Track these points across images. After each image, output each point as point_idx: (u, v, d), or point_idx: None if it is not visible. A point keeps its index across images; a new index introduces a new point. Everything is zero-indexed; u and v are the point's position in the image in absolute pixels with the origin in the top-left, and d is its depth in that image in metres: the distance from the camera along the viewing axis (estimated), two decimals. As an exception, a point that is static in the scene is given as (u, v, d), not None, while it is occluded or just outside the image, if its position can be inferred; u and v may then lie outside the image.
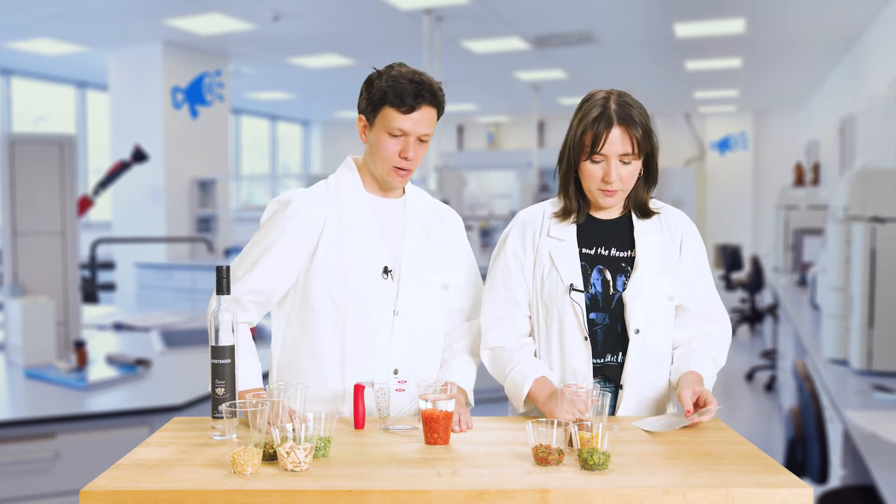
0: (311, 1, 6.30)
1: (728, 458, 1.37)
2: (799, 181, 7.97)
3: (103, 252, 7.46)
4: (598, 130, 1.65)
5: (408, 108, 1.64)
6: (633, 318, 1.69)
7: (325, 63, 8.66)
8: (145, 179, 7.73)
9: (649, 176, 1.74)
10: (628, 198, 1.76)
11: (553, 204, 1.80)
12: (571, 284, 1.70)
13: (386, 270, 1.72)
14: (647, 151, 1.69)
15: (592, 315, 1.71)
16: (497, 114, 14.33)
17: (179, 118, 7.90)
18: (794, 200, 7.05)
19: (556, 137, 13.63)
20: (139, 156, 5.28)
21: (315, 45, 7.91)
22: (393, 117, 1.65)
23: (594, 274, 1.73)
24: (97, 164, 9.46)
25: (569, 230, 1.75)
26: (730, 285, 8.41)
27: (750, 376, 6.57)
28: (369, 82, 1.70)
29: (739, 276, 8.71)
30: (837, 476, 2.63)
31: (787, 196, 7.23)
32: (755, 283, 7.61)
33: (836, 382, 2.92)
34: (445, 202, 1.97)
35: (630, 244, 1.75)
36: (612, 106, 1.66)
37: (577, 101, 1.75)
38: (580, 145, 1.68)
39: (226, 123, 8.50)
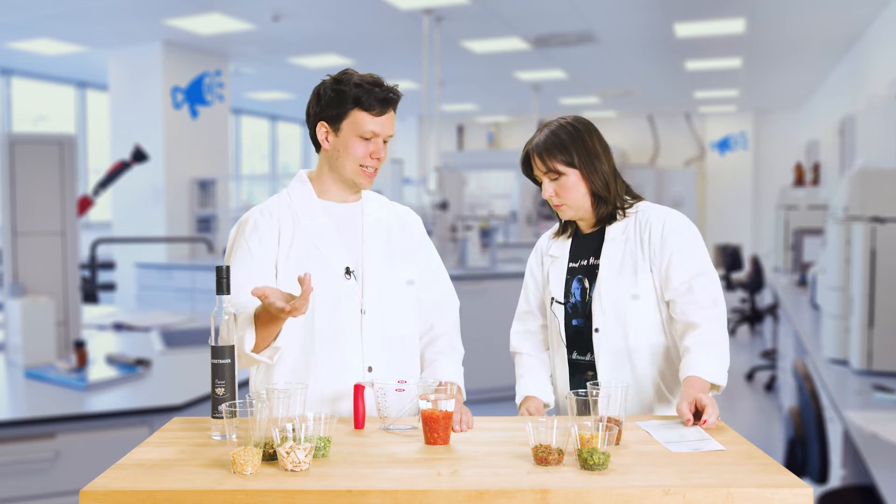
0: (311, 1, 6.30)
1: (728, 458, 1.37)
2: (799, 181, 7.97)
3: (103, 252, 7.45)
4: (524, 161, 1.89)
5: (379, 111, 1.71)
6: (595, 318, 1.83)
7: (325, 63, 8.65)
8: (145, 179, 7.72)
9: (596, 190, 1.82)
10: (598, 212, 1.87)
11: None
12: (553, 297, 1.90)
13: (348, 271, 1.75)
14: (577, 166, 1.80)
15: (575, 322, 1.87)
16: (497, 114, 14.32)
17: (179, 118, 7.90)
18: (794, 200, 7.05)
19: (556, 137, 13.56)
20: (139, 156, 5.28)
21: (315, 45, 7.90)
22: (365, 120, 1.70)
23: (574, 284, 1.87)
24: (97, 164, 9.46)
25: (563, 248, 1.93)
26: (730, 285, 8.41)
27: (750, 376, 6.57)
28: (334, 90, 1.71)
29: (739, 276, 8.71)
30: (837, 476, 2.63)
31: (787, 196, 7.23)
32: (755, 283, 7.62)
33: (836, 382, 2.92)
34: (445, 202, 2.01)
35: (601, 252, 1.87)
36: (535, 138, 1.86)
37: (577, 101, 1.81)
38: None
39: (226, 123, 8.50)
